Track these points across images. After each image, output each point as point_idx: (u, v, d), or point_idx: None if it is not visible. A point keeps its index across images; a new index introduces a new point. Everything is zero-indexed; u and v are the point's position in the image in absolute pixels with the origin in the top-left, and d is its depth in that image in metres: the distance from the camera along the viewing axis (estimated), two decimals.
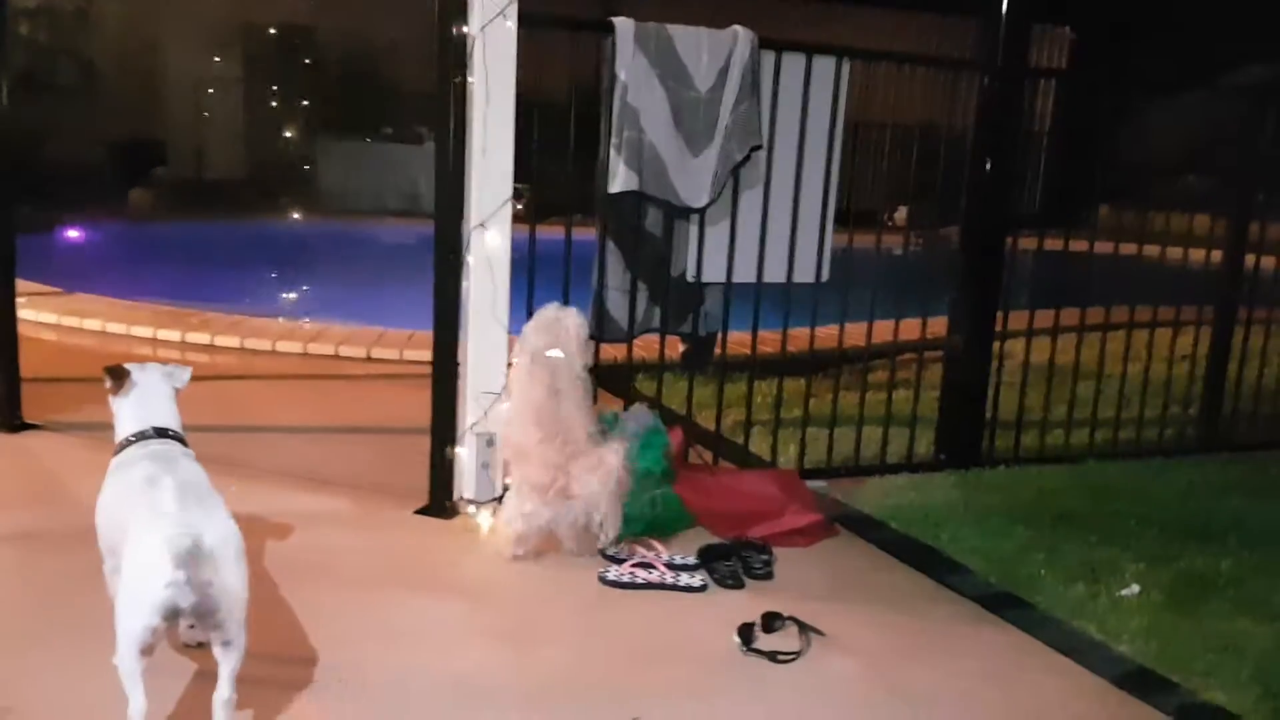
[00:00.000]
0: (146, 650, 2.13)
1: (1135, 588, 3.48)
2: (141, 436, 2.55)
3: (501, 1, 3.64)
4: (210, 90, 14.38)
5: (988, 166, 4.53)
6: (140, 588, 2.12)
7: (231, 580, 2.18)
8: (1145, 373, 5.27)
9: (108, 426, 2.62)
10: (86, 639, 2.67)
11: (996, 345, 4.78)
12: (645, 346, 4.60)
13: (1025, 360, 4.87)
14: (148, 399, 2.63)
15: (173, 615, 2.13)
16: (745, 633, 2.99)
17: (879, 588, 3.50)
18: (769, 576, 3.47)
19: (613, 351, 4.50)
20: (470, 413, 3.87)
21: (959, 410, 4.77)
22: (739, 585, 3.40)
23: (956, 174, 4.63)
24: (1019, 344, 4.95)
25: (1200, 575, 3.62)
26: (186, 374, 2.74)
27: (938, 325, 4.79)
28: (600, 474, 3.44)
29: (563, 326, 3.59)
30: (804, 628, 3.04)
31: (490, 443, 3.87)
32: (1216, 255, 5.29)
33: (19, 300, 4.63)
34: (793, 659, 2.92)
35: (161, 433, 2.57)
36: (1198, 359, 5.37)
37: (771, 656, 2.92)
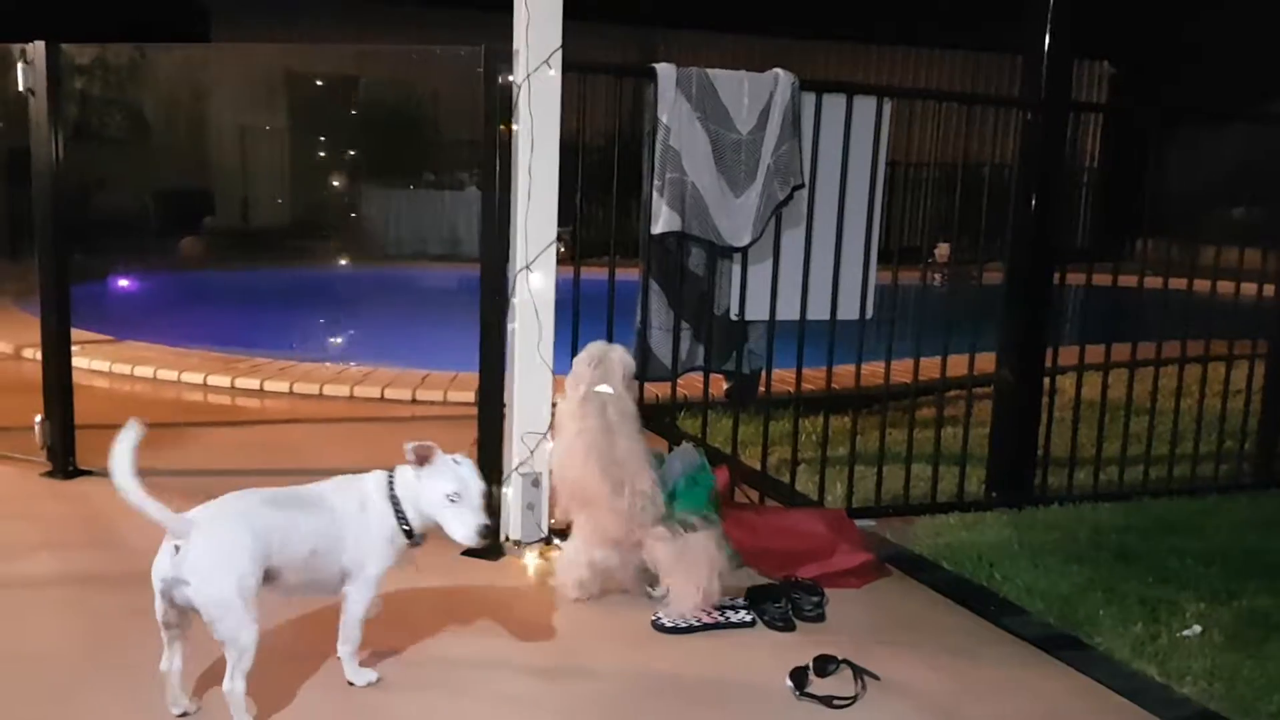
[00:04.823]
0: (165, 620, 2.54)
1: (1197, 628, 3.40)
2: None
3: (546, 50, 3.70)
4: (257, 140, 14.67)
5: (1033, 202, 4.50)
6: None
7: (201, 589, 2.46)
8: (1199, 408, 5.18)
9: (158, 473, 2.64)
10: (138, 680, 2.69)
11: (1046, 381, 4.72)
12: (689, 385, 4.59)
13: (1076, 396, 4.80)
14: None
15: (167, 597, 2.50)
16: (798, 677, 2.95)
17: (933, 629, 3.44)
18: (821, 619, 3.43)
19: (657, 390, 4.49)
20: (516, 454, 3.88)
21: (1010, 447, 4.70)
22: (790, 628, 3.36)
23: (1000, 210, 4.60)
24: (1069, 380, 4.88)
25: (1263, 614, 3.53)
26: None
27: (986, 361, 4.74)
28: (695, 573, 3.36)
29: (609, 361, 3.61)
30: (858, 671, 2.99)
31: (535, 483, 3.88)
32: (1269, 289, 5.20)
33: (73, 348, 4.72)
34: (849, 704, 2.87)
35: None
36: (1252, 393, 5.27)
37: (827, 701, 2.87)
